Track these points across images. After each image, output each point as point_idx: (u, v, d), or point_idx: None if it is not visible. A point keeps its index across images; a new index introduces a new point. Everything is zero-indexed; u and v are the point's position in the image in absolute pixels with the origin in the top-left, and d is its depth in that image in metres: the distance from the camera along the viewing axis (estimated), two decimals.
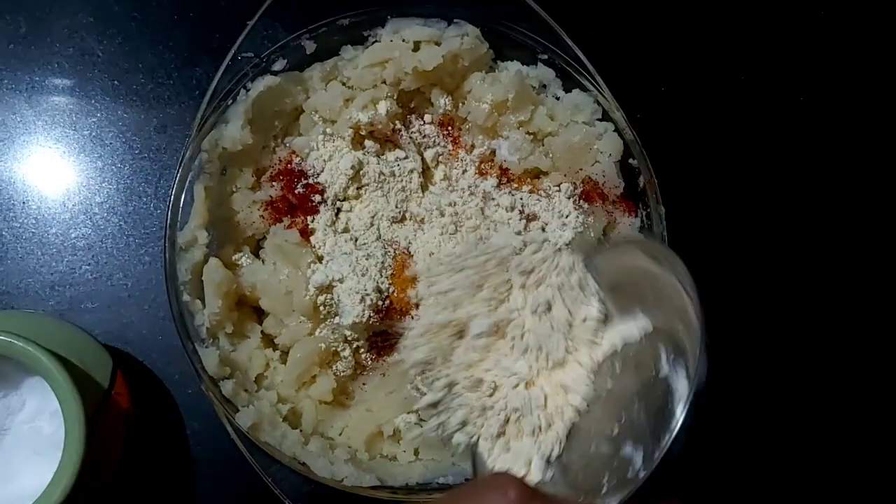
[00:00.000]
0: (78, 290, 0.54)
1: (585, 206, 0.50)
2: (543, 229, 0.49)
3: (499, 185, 0.51)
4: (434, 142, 0.52)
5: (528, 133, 0.52)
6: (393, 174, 0.51)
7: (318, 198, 0.50)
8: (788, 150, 0.60)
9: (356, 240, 0.50)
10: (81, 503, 0.42)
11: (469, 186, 0.51)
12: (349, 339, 0.47)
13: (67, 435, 0.41)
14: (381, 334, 0.48)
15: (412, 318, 0.47)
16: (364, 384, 0.49)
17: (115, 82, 0.57)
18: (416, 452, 0.48)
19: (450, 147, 0.52)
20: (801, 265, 0.59)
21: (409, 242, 0.50)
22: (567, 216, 0.49)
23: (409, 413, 0.47)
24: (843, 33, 0.62)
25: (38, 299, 0.54)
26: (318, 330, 0.47)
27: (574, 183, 0.51)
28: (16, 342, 0.42)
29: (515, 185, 0.51)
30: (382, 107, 0.51)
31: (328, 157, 0.51)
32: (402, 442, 0.48)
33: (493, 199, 0.50)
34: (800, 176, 0.60)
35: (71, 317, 0.53)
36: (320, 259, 0.49)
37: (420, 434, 0.41)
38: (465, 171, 0.52)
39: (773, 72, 0.61)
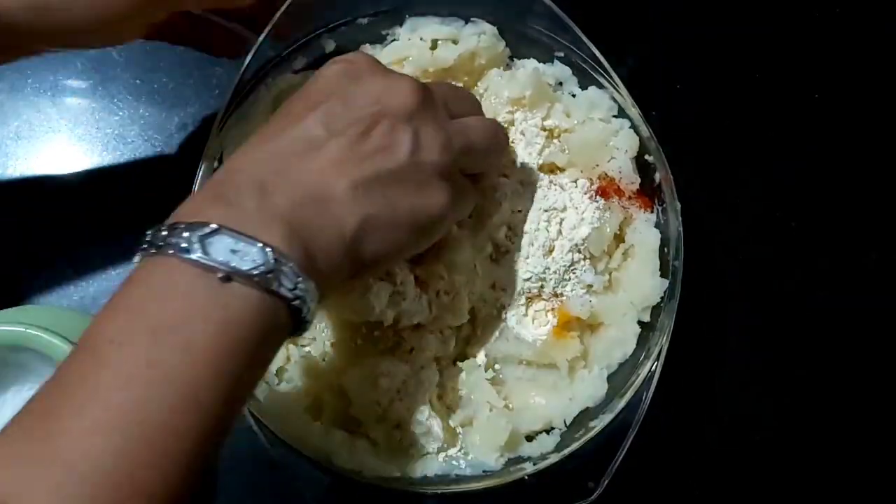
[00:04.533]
0: (101, 285, 0.55)
1: (602, 201, 0.50)
2: (562, 223, 0.50)
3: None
4: None
5: (544, 129, 0.52)
6: None
7: None
8: (804, 145, 0.60)
9: None
10: None
11: None
12: None
13: None
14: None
15: None
16: None
17: (138, 81, 0.58)
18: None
19: None
20: (821, 263, 0.59)
21: None
22: (584, 212, 0.50)
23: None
24: (859, 29, 0.63)
25: (62, 294, 0.55)
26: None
27: (590, 179, 0.51)
28: (44, 336, 0.43)
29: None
30: None
31: None
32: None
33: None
34: (817, 171, 0.60)
35: (94, 311, 0.54)
36: None
37: None
38: None
39: (788, 68, 0.62)
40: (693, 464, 0.55)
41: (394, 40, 0.52)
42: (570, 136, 0.52)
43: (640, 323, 0.49)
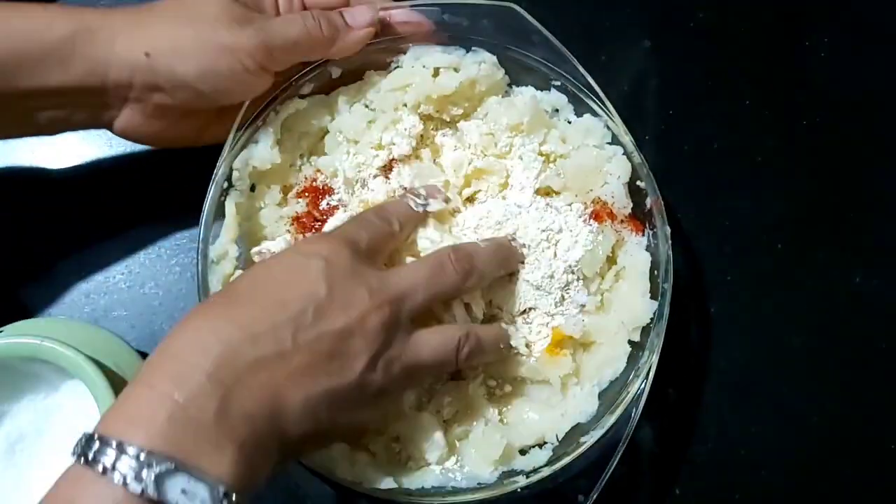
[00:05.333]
0: (111, 299, 0.57)
1: (595, 225, 0.52)
2: (557, 245, 0.51)
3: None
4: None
5: (541, 154, 0.54)
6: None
7: (342, 213, 0.53)
8: (791, 171, 0.62)
9: None
10: None
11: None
12: None
13: None
14: None
15: None
16: None
17: None
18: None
19: None
20: (806, 285, 0.61)
21: None
22: (578, 234, 0.52)
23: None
24: (847, 59, 0.65)
25: (74, 307, 0.57)
26: None
27: (585, 203, 0.53)
28: (57, 348, 0.45)
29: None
30: (408, 121, 0.53)
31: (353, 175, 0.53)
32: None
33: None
34: (804, 196, 0.62)
35: (105, 323, 0.56)
36: None
37: None
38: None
39: (776, 96, 0.64)
40: (681, 479, 0.57)
41: (397, 67, 0.54)
42: (566, 162, 0.54)
43: (630, 342, 0.51)
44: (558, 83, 0.54)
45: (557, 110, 0.55)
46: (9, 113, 0.48)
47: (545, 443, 0.50)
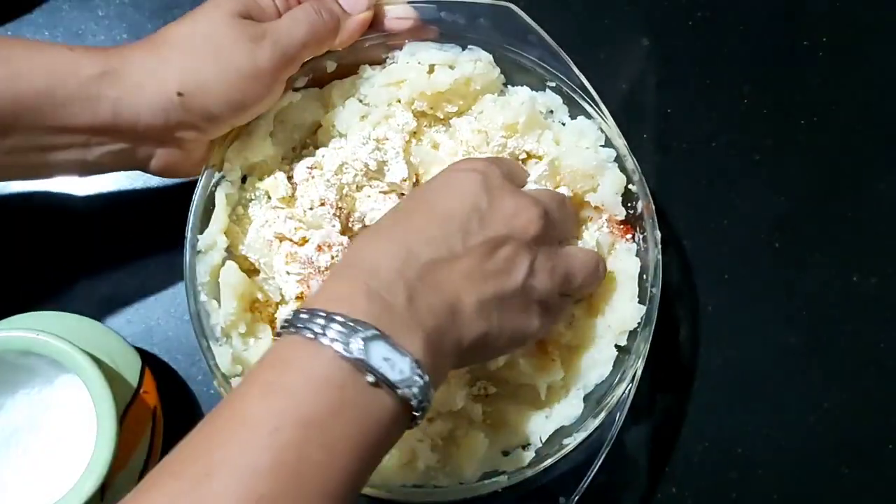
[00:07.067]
0: (107, 293, 0.57)
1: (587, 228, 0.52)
2: None
3: None
4: None
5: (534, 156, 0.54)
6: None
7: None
8: (789, 170, 0.62)
9: None
10: (110, 496, 0.45)
11: None
12: None
13: (99, 430, 0.44)
14: None
15: None
16: None
17: None
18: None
19: None
20: (802, 288, 0.60)
21: None
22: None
23: None
24: (846, 58, 0.65)
25: (69, 301, 0.57)
26: None
27: (577, 206, 0.53)
28: (53, 341, 0.45)
29: None
30: (401, 118, 0.53)
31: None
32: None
33: None
34: (804, 195, 0.62)
35: (100, 318, 0.55)
36: None
37: None
38: None
39: (774, 96, 0.64)
40: (675, 479, 0.57)
41: (392, 63, 0.54)
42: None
43: (617, 346, 0.51)
44: (553, 84, 0.54)
45: (552, 111, 0.55)
46: (32, 154, 0.46)
47: (528, 444, 0.50)
